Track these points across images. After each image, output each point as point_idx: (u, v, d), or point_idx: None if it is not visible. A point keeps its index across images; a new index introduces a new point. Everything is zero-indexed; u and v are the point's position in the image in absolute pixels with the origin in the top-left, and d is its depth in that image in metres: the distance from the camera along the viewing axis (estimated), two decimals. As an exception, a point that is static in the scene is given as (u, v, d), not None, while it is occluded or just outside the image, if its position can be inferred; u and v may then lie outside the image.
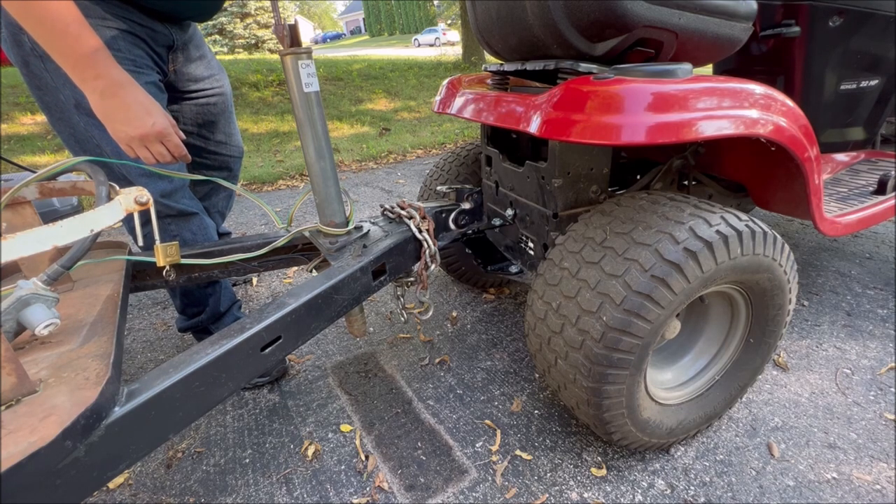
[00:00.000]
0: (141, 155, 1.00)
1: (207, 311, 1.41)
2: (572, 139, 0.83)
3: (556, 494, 1.03)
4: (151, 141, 0.99)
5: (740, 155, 1.32)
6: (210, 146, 1.46)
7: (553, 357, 0.95)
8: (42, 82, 1.03)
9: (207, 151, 1.47)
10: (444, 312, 1.76)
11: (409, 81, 7.96)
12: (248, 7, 22.39)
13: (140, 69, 1.09)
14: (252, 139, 5.10)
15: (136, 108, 0.95)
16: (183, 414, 0.70)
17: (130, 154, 1.00)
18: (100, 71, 0.90)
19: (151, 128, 0.97)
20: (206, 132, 1.43)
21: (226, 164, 1.54)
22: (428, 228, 1.14)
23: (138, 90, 0.96)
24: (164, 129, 0.99)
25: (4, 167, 3.14)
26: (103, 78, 0.91)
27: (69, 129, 1.08)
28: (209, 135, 1.45)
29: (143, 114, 0.96)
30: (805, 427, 1.17)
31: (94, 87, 0.91)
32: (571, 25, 0.95)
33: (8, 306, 0.64)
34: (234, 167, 1.58)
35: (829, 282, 1.80)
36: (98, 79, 0.90)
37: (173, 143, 1.02)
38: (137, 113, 0.95)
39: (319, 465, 1.14)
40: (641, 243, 0.85)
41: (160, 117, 0.98)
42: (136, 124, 0.95)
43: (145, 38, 1.11)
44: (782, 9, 1.40)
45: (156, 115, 0.97)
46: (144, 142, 0.98)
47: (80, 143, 1.09)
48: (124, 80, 0.94)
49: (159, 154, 1.01)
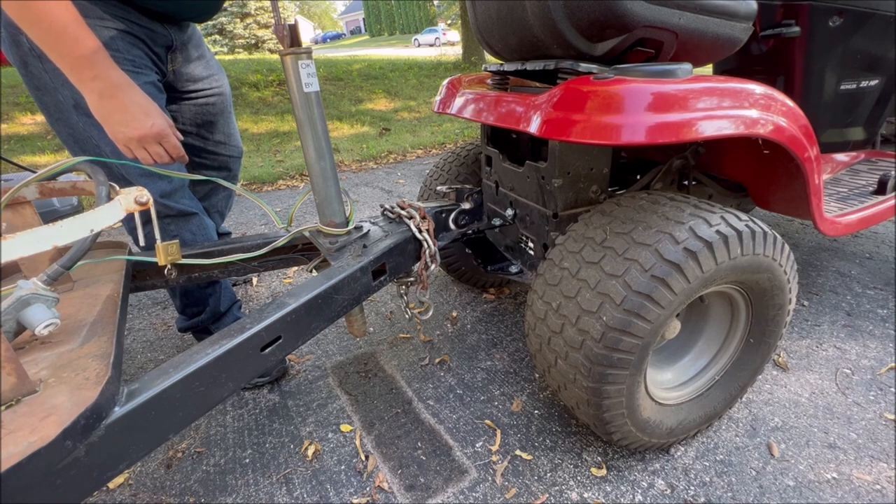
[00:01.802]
0: (139, 156, 1.00)
1: (208, 311, 1.41)
2: (572, 139, 0.83)
3: (556, 494, 1.03)
4: (149, 142, 0.99)
5: (740, 155, 1.32)
6: (209, 146, 1.46)
7: (553, 357, 0.95)
8: (41, 83, 1.03)
9: (206, 152, 1.47)
10: (444, 312, 1.76)
11: (409, 81, 7.96)
12: (248, 7, 22.39)
13: (139, 69, 1.09)
14: (252, 139, 5.10)
15: (135, 110, 0.95)
16: (183, 414, 0.70)
17: (128, 155, 1.01)
18: (98, 72, 0.90)
19: (150, 129, 0.97)
20: (205, 132, 1.43)
21: (225, 164, 1.54)
22: (428, 228, 1.14)
23: (136, 91, 0.96)
24: (162, 131, 0.99)
25: (4, 167, 3.14)
26: (101, 79, 0.90)
27: (68, 129, 1.08)
28: (208, 135, 1.45)
29: (141, 115, 0.96)
30: (805, 427, 1.17)
31: (92, 89, 0.91)
32: (571, 25, 0.95)
33: (8, 306, 0.64)
34: (234, 167, 1.58)
35: (829, 282, 1.80)
36: (96, 80, 0.90)
37: (171, 145, 1.03)
38: (135, 114, 0.95)
39: (319, 465, 1.14)
40: (641, 243, 0.85)
41: (158, 118, 0.98)
42: (135, 125, 0.95)
43: (144, 39, 1.10)
44: (782, 9, 1.40)
45: (154, 117, 0.98)
46: (142, 143, 0.98)
47: (78, 143, 1.09)
48: (122, 82, 0.93)
49: (157, 155, 1.02)
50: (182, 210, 1.22)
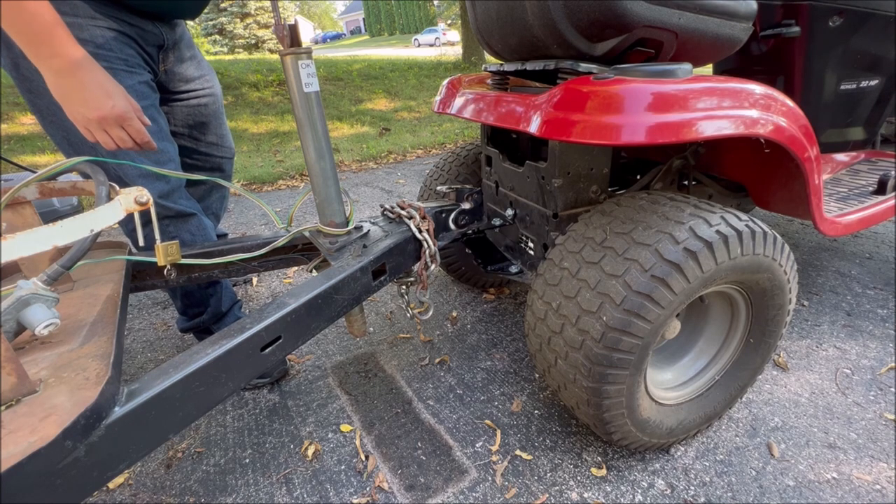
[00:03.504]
0: (100, 139, 0.95)
1: (209, 312, 1.41)
2: (572, 139, 0.83)
3: (556, 494, 1.03)
4: (110, 124, 0.93)
5: (740, 155, 1.32)
6: (201, 147, 1.46)
7: (553, 357, 0.95)
8: (33, 85, 1.01)
9: (199, 153, 1.46)
10: (444, 312, 1.76)
11: (409, 81, 7.96)
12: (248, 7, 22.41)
13: (132, 69, 1.08)
14: (252, 139, 5.10)
15: (94, 89, 0.90)
16: (183, 414, 0.70)
17: (89, 138, 0.95)
18: (56, 49, 0.85)
19: (110, 110, 0.92)
20: (197, 133, 1.43)
21: (218, 165, 1.53)
22: (428, 228, 1.14)
23: (98, 70, 0.91)
24: (124, 112, 0.94)
25: (4, 167, 3.14)
26: (60, 56, 0.85)
27: (62, 132, 1.06)
28: (200, 136, 1.44)
29: (101, 95, 0.90)
30: (805, 427, 1.17)
31: (49, 66, 0.86)
32: (571, 25, 0.95)
33: (8, 306, 0.64)
34: (227, 168, 1.58)
35: (829, 282, 1.80)
36: (54, 57, 0.85)
37: (135, 129, 0.97)
38: (95, 94, 0.90)
39: (319, 465, 1.14)
40: (641, 243, 0.85)
41: (120, 100, 0.93)
42: (94, 106, 0.90)
43: (135, 38, 1.10)
44: (782, 9, 1.40)
45: (115, 98, 0.92)
46: (103, 125, 0.93)
47: (73, 145, 1.07)
48: (82, 59, 0.88)
49: (119, 139, 0.96)
50: (180, 211, 1.22)
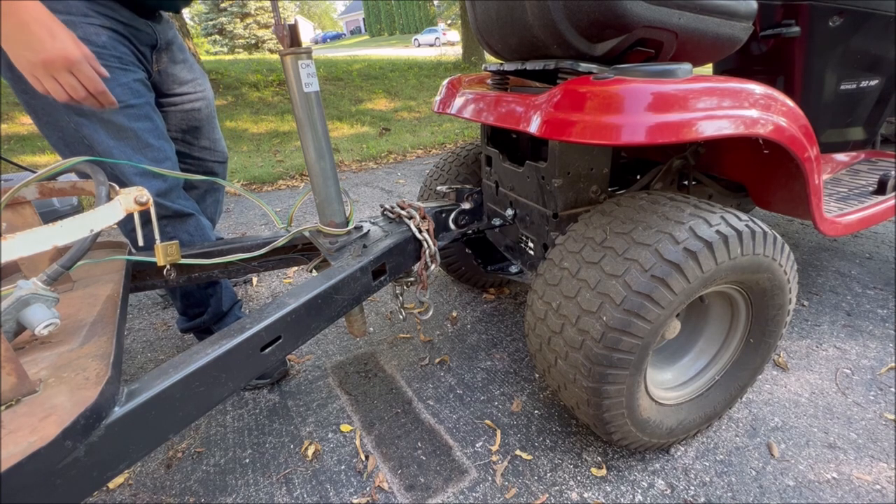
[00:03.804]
0: (49, 87, 0.88)
1: (209, 312, 1.41)
2: (572, 139, 0.83)
3: (556, 494, 1.03)
4: (58, 69, 0.87)
5: (740, 155, 1.32)
6: (195, 152, 1.46)
7: (553, 357, 0.95)
8: (27, 86, 0.98)
9: (192, 157, 1.46)
10: (444, 312, 1.76)
11: (409, 81, 7.96)
12: (248, 7, 22.43)
13: (126, 67, 1.08)
14: (252, 139, 5.11)
15: (38, 30, 0.83)
16: (183, 414, 0.70)
17: (38, 88, 0.89)
18: None
19: (57, 52, 0.85)
20: (190, 138, 1.43)
21: (211, 169, 1.53)
22: (428, 228, 1.14)
23: (41, 9, 0.84)
24: (71, 56, 0.86)
25: (4, 167, 3.14)
26: None
27: (58, 132, 1.05)
28: (194, 141, 1.44)
29: (45, 36, 0.83)
30: (805, 427, 1.17)
31: None
32: (571, 26, 0.95)
33: (8, 306, 0.64)
34: (220, 172, 1.58)
35: (829, 282, 1.80)
36: None
37: (85, 75, 0.90)
38: (39, 35, 0.83)
39: (319, 465, 1.14)
40: (641, 243, 0.85)
41: (69, 42, 0.86)
42: (38, 48, 0.83)
43: (129, 37, 1.10)
44: (782, 9, 1.40)
45: (62, 40, 0.85)
46: (49, 70, 0.86)
47: (69, 146, 1.07)
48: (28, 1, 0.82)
49: (70, 86, 0.89)
50: (178, 210, 1.21)
